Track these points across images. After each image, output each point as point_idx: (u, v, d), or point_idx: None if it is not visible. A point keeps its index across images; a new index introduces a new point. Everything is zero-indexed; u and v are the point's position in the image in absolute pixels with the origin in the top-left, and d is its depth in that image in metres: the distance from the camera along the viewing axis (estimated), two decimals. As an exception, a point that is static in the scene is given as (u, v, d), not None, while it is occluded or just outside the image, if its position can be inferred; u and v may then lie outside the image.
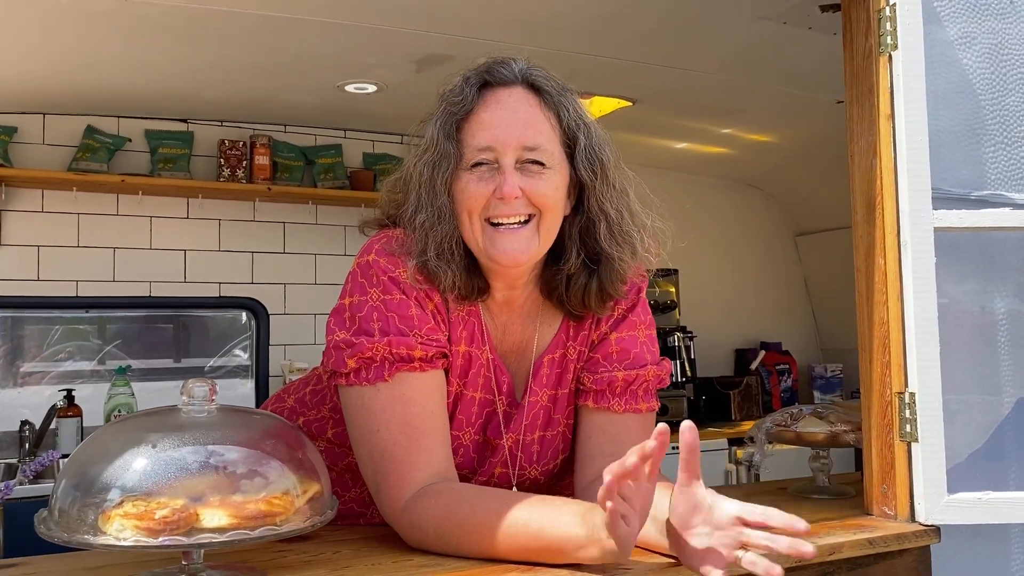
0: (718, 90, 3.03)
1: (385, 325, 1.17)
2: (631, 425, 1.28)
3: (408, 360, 1.17)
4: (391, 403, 1.17)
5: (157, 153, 3.20)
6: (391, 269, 1.20)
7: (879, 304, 1.37)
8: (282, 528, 0.94)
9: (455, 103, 1.20)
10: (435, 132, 1.20)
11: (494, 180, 1.17)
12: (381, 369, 1.17)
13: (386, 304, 1.18)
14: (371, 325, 1.17)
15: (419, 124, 1.25)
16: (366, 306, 1.18)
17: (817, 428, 1.53)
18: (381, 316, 1.17)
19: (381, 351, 1.16)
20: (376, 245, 1.22)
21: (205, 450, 0.96)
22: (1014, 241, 1.48)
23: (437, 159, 1.19)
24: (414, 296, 1.20)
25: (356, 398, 1.19)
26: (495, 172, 1.17)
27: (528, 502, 1.08)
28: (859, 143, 1.43)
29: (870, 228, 1.39)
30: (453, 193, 1.19)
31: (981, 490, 1.32)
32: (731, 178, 4.39)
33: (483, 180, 1.17)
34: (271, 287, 3.42)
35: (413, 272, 1.19)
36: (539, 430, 1.30)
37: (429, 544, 1.13)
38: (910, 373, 1.33)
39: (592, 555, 1.01)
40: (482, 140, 1.18)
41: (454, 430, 1.25)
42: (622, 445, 1.21)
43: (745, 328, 4.41)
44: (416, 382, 1.19)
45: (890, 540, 1.26)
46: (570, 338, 1.32)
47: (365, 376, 1.17)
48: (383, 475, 1.16)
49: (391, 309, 1.18)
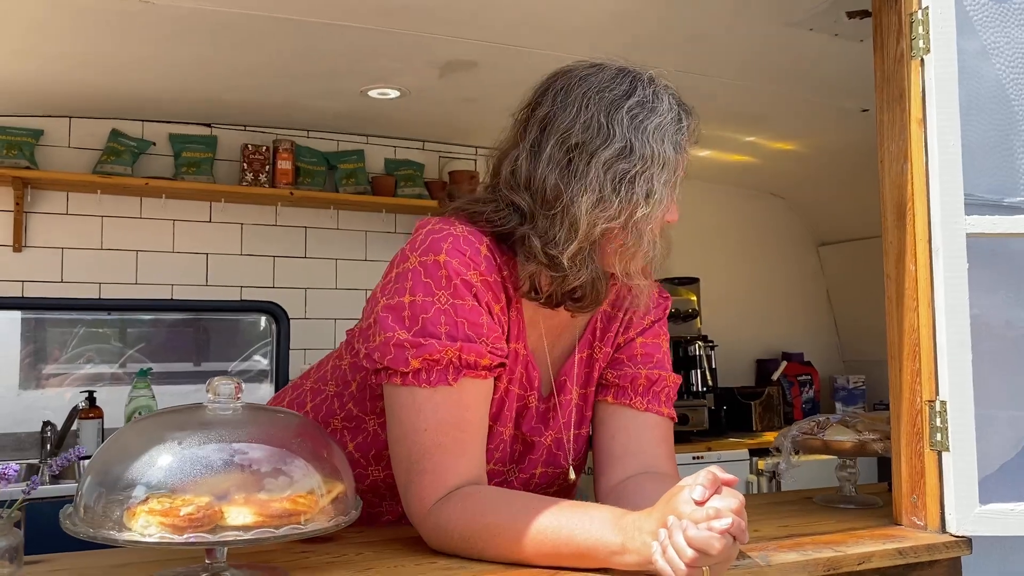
0: (742, 97, 3.01)
1: (453, 330, 1.13)
2: (653, 426, 1.30)
3: (475, 367, 1.14)
4: (446, 405, 1.13)
5: (181, 157, 3.22)
6: (463, 272, 1.14)
7: (909, 311, 1.35)
8: (307, 527, 0.93)
9: (676, 124, 1.17)
10: (668, 152, 1.15)
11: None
12: (445, 373, 1.13)
13: (456, 309, 1.13)
14: (438, 328, 1.13)
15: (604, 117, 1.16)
16: (433, 308, 1.13)
17: (845, 437, 1.51)
18: (450, 320, 1.13)
19: (451, 355, 1.12)
20: (444, 244, 1.15)
21: (230, 448, 0.96)
22: (1048, 248, 1.45)
23: (671, 182, 1.16)
24: (485, 302, 1.16)
25: (408, 397, 1.14)
26: None
27: (558, 507, 1.06)
28: (889, 148, 1.41)
29: (900, 234, 1.38)
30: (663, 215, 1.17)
31: (1014, 501, 1.30)
32: (754, 187, 4.37)
33: (674, 202, 1.19)
34: (292, 291, 3.43)
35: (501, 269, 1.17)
36: (574, 428, 1.30)
37: (454, 547, 1.12)
38: (941, 381, 1.31)
39: (628, 562, 1.00)
40: (685, 168, 1.19)
41: (498, 425, 1.23)
42: (647, 444, 1.30)
43: (767, 338, 4.38)
44: (475, 388, 1.16)
45: (920, 551, 1.24)
46: (597, 339, 1.32)
47: (427, 378, 1.13)
48: (418, 475, 1.14)
49: (461, 315, 1.14)
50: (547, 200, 1.15)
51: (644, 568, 0.99)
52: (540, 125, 1.18)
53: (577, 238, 1.13)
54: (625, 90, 1.16)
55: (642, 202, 1.13)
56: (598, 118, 1.14)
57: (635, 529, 1.00)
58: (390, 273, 1.19)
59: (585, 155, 1.13)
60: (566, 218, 1.14)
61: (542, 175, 1.15)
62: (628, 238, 1.15)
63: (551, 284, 1.18)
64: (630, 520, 1.01)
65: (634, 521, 1.01)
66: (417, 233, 1.20)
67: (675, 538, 0.93)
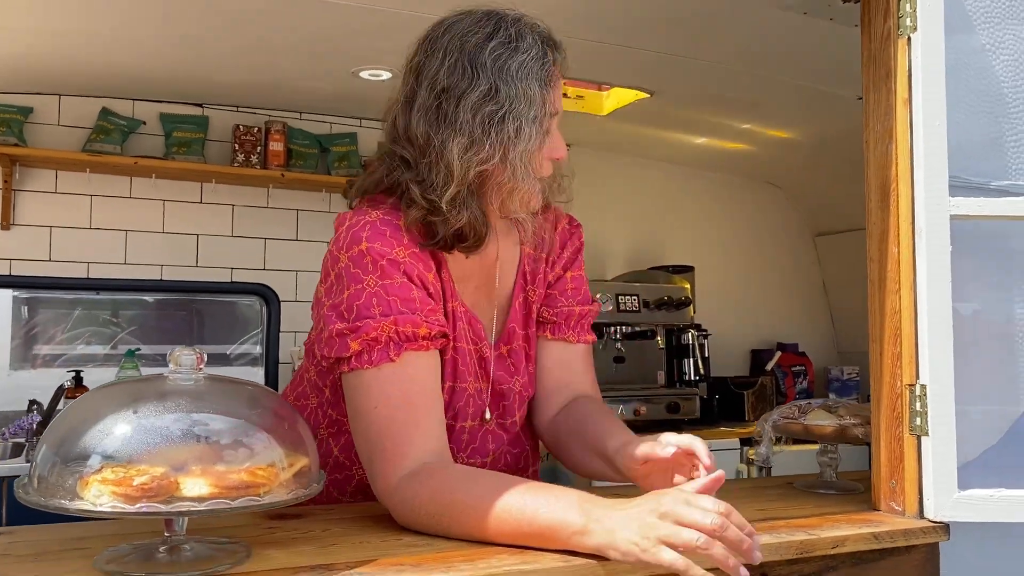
0: (737, 82, 2.99)
1: (386, 308, 1.15)
2: (584, 355, 1.41)
3: (414, 339, 1.16)
4: (392, 381, 1.15)
5: (171, 137, 3.20)
6: (388, 252, 1.18)
7: (891, 293, 1.33)
8: (264, 499, 0.91)
9: (540, 60, 1.19)
10: (533, 89, 1.18)
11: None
12: (386, 350, 1.15)
13: (386, 289, 1.16)
14: (371, 310, 1.15)
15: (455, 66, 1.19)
16: (364, 294, 1.16)
17: (825, 421, 1.49)
18: (381, 300, 1.16)
19: (387, 331, 1.14)
20: (363, 233, 1.18)
21: (189, 419, 0.94)
22: (1034, 233, 1.43)
23: (539, 118, 1.18)
24: (417, 275, 1.19)
25: (355, 381, 1.17)
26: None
27: (525, 487, 1.05)
28: (875, 129, 1.39)
29: (884, 215, 1.36)
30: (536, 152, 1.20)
31: (993, 488, 1.28)
32: (750, 176, 4.34)
33: (556, 139, 1.23)
34: (283, 274, 3.41)
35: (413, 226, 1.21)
36: (526, 373, 1.36)
37: (420, 524, 1.11)
38: (922, 365, 1.29)
39: (588, 544, 0.98)
40: (558, 105, 1.22)
41: (459, 383, 1.26)
42: (578, 374, 1.41)
43: (761, 328, 4.36)
44: (419, 361, 1.17)
45: (896, 535, 1.22)
46: (528, 282, 1.37)
47: (368, 358, 1.15)
48: (378, 452, 1.15)
49: (392, 293, 1.16)
50: (422, 147, 1.19)
51: (604, 552, 0.98)
52: (413, 75, 1.21)
53: (454, 182, 1.16)
54: (488, 32, 1.20)
55: (513, 140, 1.16)
56: (462, 62, 1.17)
57: (601, 513, 0.99)
58: (329, 277, 1.21)
59: (453, 100, 1.16)
60: (441, 163, 1.17)
61: (416, 123, 1.19)
62: (504, 176, 1.18)
63: (437, 228, 1.21)
64: (596, 504, 1.01)
65: (600, 505, 1.00)
66: (338, 232, 1.22)
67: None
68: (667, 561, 0.92)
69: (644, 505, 0.97)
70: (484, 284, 1.34)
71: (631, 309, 3.40)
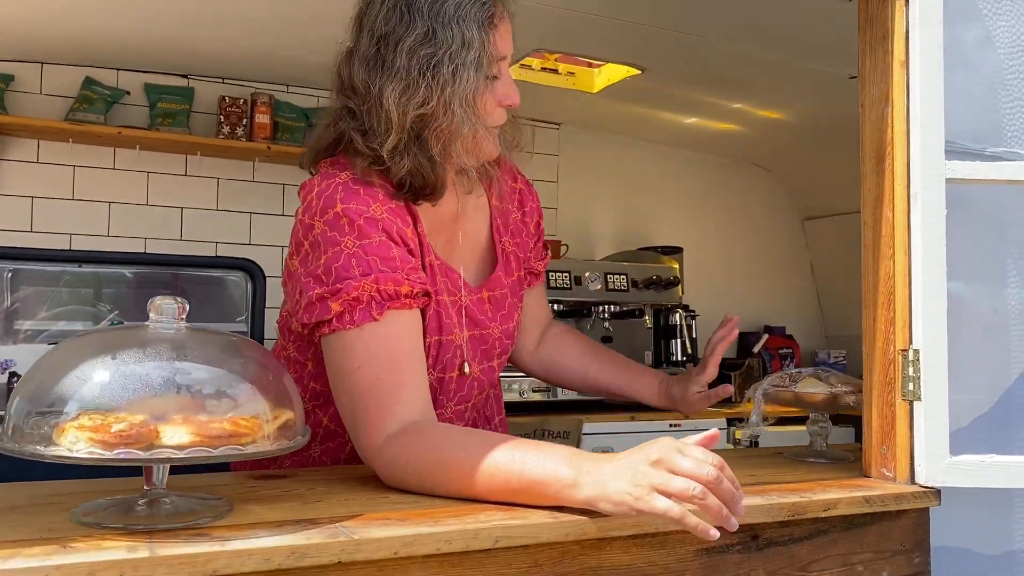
0: (729, 60, 2.96)
1: (366, 268, 1.14)
2: (544, 288, 1.59)
3: (396, 297, 1.14)
4: (375, 341, 1.13)
5: (156, 108, 3.15)
6: (365, 210, 1.16)
7: (885, 258, 1.32)
8: (248, 449, 0.89)
9: (479, 2, 1.18)
10: (471, 31, 1.17)
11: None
12: (368, 309, 1.13)
13: (365, 248, 1.14)
14: (351, 271, 1.13)
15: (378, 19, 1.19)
16: (342, 256, 1.14)
17: (816, 389, 1.48)
18: (360, 261, 1.14)
19: (368, 291, 1.12)
20: (336, 195, 1.16)
21: (171, 367, 0.91)
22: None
23: (478, 60, 1.17)
24: (396, 232, 1.17)
25: (337, 342, 1.15)
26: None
27: (513, 443, 1.04)
28: (871, 92, 1.37)
29: (879, 179, 1.34)
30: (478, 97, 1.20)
31: (985, 454, 1.27)
32: (740, 158, 4.33)
33: (506, 84, 1.23)
34: (268, 249, 3.38)
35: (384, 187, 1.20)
36: (511, 320, 1.39)
37: (407, 482, 1.09)
38: (915, 330, 1.27)
39: (578, 497, 0.97)
40: (503, 49, 1.20)
41: (444, 335, 1.26)
42: (544, 307, 1.61)
43: (749, 310, 4.36)
44: (402, 319, 1.16)
45: (888, 499, 1.21)
46: (500, 234, 1.39)
47: (351, 319, 1.13)
48: (363, 412, 1.13)
49: (371, 252, 1.14)
50: (363, 95, 1.18)
51: (595, 504, 0.96)
52: (356, 24, 1.21)
53: (393, 128, 1.16)
54: None
55: (450, 84, 1.15)
56: (400, 7, 1.16)
57: (590, 466, 0.98)
58: (302, 247, 1.19)
59: (391, 45, 1.16)
60: (380, 110, 1.16)
61: (357, 72, 1.18)
62: (445, 121, 1.17)
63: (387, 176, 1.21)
64: (585, 458, 1.00)
65: (590, 459, 0.99)
66: (307, 199, 1.20)
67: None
68: (661, 509, 0.90)
69: (635, 455, 0.95)
70: (454, 236, 1.34)
71: (620, 288, 3.39)
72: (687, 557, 1.08)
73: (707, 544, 1.09)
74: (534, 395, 2.97)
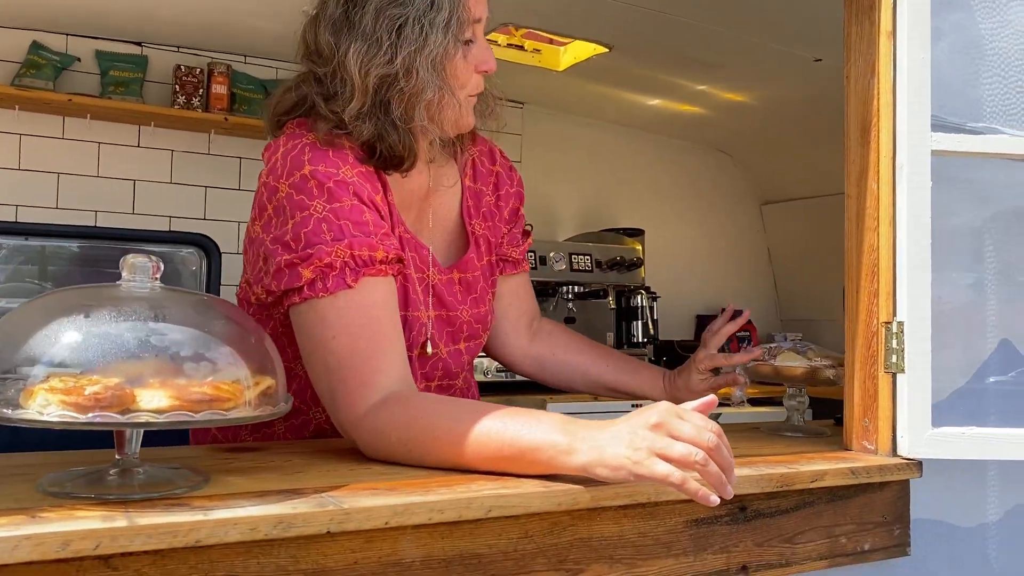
0: (697, 39, 2.95)
1: (338, 233, 1.09)
2: (528, 278, 1.50)
3: (371, 263, 1.10)
4: (350, 309, 1.09)
5: (108, 75, 3.03)
6: (334, 172, 1.11)
7: (869, 230, 1.31)
8: (230, 414, 0.84)
9: None
10: None
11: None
12: (343, 276, 1.08)
13: (336, 212, 1.09)
14: (322, 236, 1.08)
15: None
16: (312, 220, 1.09)
17: (796, 363, 1.48)
18: (332, 225, 1.09)
19: (342, 256, 1.08)
20: (303, 156, 1.11)
21: (146, 327, 0.86)
22: (1008, 175, 1.43)
23: (448, 22, 1.13)
24: (367, 196, 1.13)
25: (310, 311, 1.10)
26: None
27: (504, 411, 1.01)
28: (856, 63, 1.36)
29: (864, 151, 1.33)
30: (447, 61, 1.16)
31: (964, 426, 1.28)
32: (701, 142, 4.34)
33: (482, 50, 1.19)
34: (224, 224, 3.28)
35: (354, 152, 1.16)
36: (484, 303, 1.35)
37: (391, 453, 1.05)
38: (899, 302, 1.27)
39: (574, 463, 0.94)
40: (477, 11, 1.16)
41: (411, 311, 1.21)
42: (531, 298, 1.52)
43: (707, 293, 4.38)
44: (378, 286, 1.12)
45: (872, 471, 1.21)
46: (472, 215, 1.34)
47: (323, 286, 1.08)
48: (341, 383, 1.08)
49: (343, 216, 1.10)
50: (327, 58, 1.15)
51: (591, 471, 0.94)
52: None
53: (357, 91, 1.12)
54: None
55: (418, 45, 1.12)
56: None
57: (586, 432, 0.95)
58: (265, 211, 1.14)
59: (359, 6, 1.14)
60: (344, 72, 1.13)
61: (323, 34, 1.15)
62: (411, 84, 1.13)
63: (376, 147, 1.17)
64: (580, 425, 0.97)
65: (584, 427, 0.96)
66: (271, 161, 1.16)
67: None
68: (662, 473, 0.88)
69: (633, 420, 0.93)
70: (424, 213, 1.30)
71: (584, 269, 3.37)
72: (677, 528, 1.07)
73: (696, 515, 1.08)
74: (498, 375, 2.94)
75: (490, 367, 2.96)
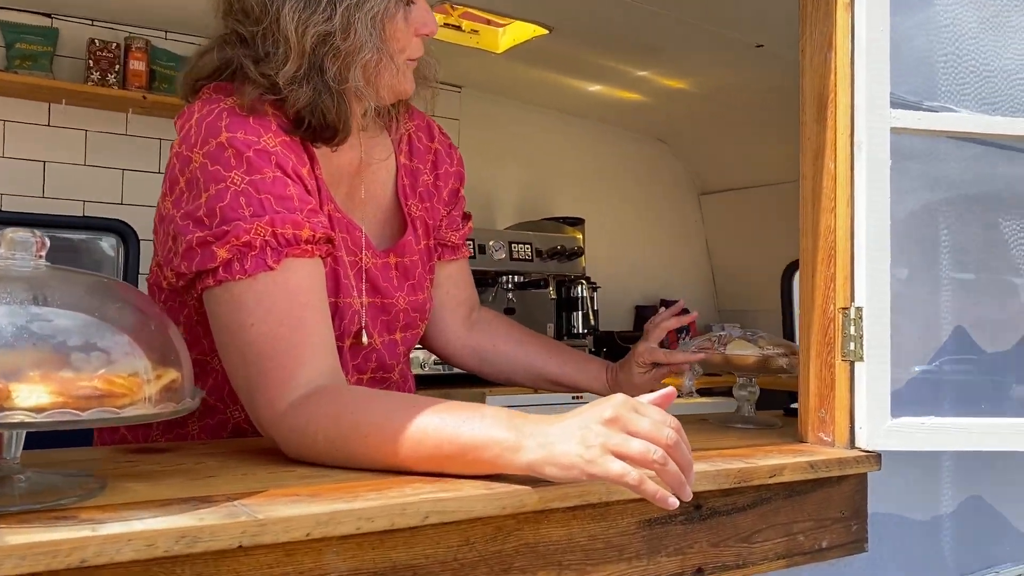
0: (638, 21, 2.89)
1: (258, 208, 0.98)
2: (467, 264, 1.41)
3: (295, 243, 0.99)
4: (271, 293, 0.98)
5: (14, 48, 2.83)
6: (254, 141, 1.00)
7: (826, 211, 1.25)
8: (124, 412, 0.73)
9: None
10: None
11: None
12: (263, 256, 0.97)
13: (256, 185, 0.99)
14: (240, 211, 0.97)
15: None
16: (228, 193, 0.98)
17: (747, 351, 1.41)
18: (251, 199, 0.98)
19: (262, 234, 0.97)
20: (220, 122, 1.00)
21: (26, 312, 0.74)
22: (963, 155, 1.39)
23: None
24: (292, 168, 1.02)
25: (225, 295, 0.98)
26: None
27: (443, 404, 0.91)
28: (812, 36, 1.29)
29: (820, 129, 1.27)
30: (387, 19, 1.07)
31: (922, 416, 1.23)
32: (640, 130, 4.30)
33: (422, 11, 1.11)
34: (143, 210, 3.09)
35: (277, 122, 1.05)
36: (421, 290, 1.25)
37: (316, 453, 0.94)
38: (857, 287, 1.21)
39: (521, 462, 0.85)
40: None
41: (343, 297, 1.11)
42: (469, 286, 1.42)
43: (646, 284, 4.35)
44: (304, 268, 1.01)
45: (831, 464, 1.15)
46: (409, 196, 1.25)
47: (241, 267, 0.97)
48: (260, 375, 0.97)
49: (264, 190, 0.99)
50: (257, 17, 1.04)
51: (539, 470, 0.85)
52: None
53: (292, 52, 1.02)
54: None
55: (357, 1, 1.03)
56: None
57: (533, 428, 0.86)
58: (176, 186, 1.02)
59: None
60: (278, 32, 1.03)
61: None
62: (342, 42, 1.03)
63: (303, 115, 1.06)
64: (527, 419, 0.88)
65: (532, 421, 0.87)
66: (184, 128, 1.04)
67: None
68: (616, 472, 0.80)
69: (585, 414, 0.84)
70: (356, 190, 1.19)
71: (524, 258, 3.28)
72: (629, 530, 0.98)
73: (650, 515, 1.00)
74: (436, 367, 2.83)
75: (427, 359, 2.85)
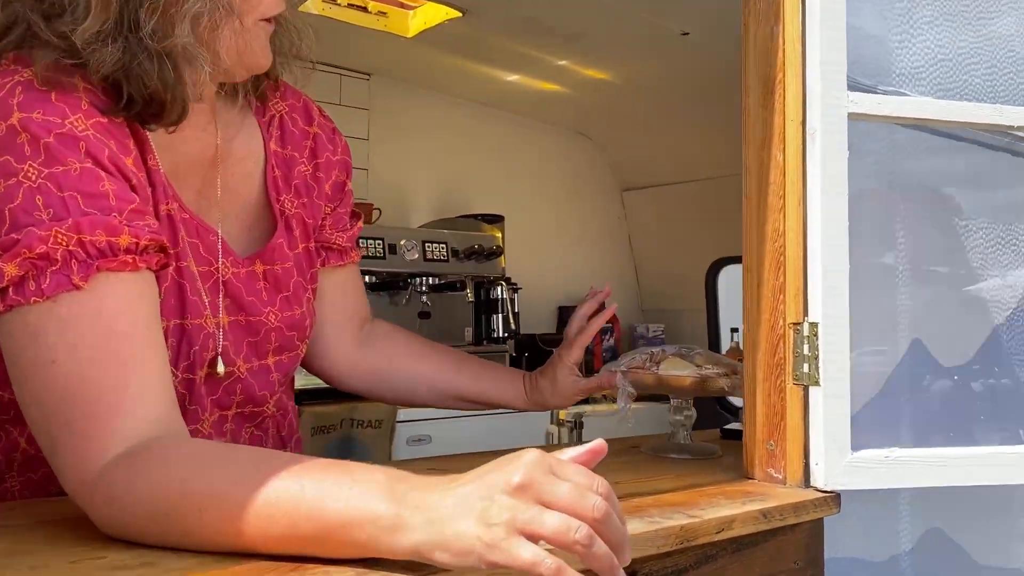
0: (555, 5, 2.70)
1: (60, 208, 0.75)
2: (357, 271, 1.23)
3: (111, 253, 0.76)
4: (78, 320, 0.75)
5: None
6: (56, 122, 0.78)
7: (774, 211, 1.08)
8: None
9: None
10: None
11: None
12: (66, 272, 0.74)
13: (57, 180, 0.76)
14: (35, 214, 0.75)
15: None
16: (20, 190, 0.75)
17: (684, 372, 1.23)
18: (50, 197, 0.76)
19: (64, 243, 0.74)
20: (12, 100, 0.78)
21: None
22: (921, 148, 1.24)
23: None
24: (108, 156, 0.79)
25: (18, 324, 0.75)
26: None
27: (302, 466, 0.69)
28: (756, 6, 1.11)
29: (767, 114, 1.09)
30: None
31: (882, 447, 1.06)
32: (561, 124, 4.13)
33: None
34: None
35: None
36: (299, 305, 1.05)
37: (139, 531, 0.72)
38: (811, 299, 1.04)
39: (404, 545, 0.64)
40: None
41: (192, 319, 0.91)
42: (360, 296, 1.25)
43: (569, 284, 4.18)
44: (123, 286, 0.78)
45: (786, 511, 0.97)
46: (282, 190, 1.05)
47: (37, 288, 0.74)
48: (63, 429, 0.74)
49: (68, 186, 0.76)
50: None
51: (426, 555, 0.64)
52: None
53: (95, 2, 0.79)
54: None
55: None
56: None
57: (419, 497, 0.65)
58: None
59: None
60: None
61: None
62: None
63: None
64: (412, 484, 0.67)
65: (418, 487, 0.66)
66: None
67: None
68: (527, 561, 0.59)
69: (488, 478, 0.64)
70: (210, 184, 0.98)
71: (439, 258, 3.07)
72: (548, 611, 0.78)
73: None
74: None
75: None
